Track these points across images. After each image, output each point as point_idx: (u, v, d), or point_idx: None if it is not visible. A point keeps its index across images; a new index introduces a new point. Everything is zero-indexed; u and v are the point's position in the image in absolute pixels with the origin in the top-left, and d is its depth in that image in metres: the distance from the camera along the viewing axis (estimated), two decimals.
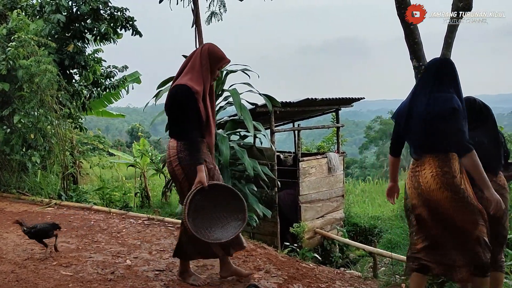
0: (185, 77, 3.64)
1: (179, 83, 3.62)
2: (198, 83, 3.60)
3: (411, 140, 3.47)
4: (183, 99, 3.57)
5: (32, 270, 4.07)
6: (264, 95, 7.06)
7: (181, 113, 3.60)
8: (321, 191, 9.15)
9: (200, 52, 3.69)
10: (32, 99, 7.65)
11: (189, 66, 3.68)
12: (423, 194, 3.33)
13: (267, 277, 4.21)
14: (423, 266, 3.49)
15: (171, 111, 3.71)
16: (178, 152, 3.62)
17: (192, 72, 3.64)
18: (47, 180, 8.02)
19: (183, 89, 3.57)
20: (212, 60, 3.67)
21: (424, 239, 3.49)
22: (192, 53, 3.76)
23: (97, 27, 9.67)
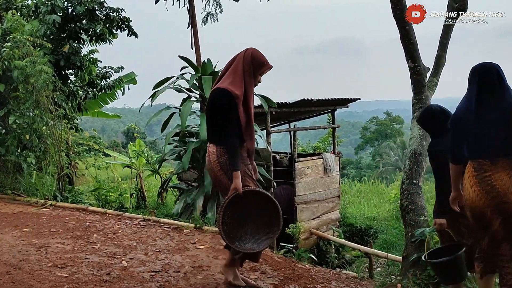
0: (226, 81, 3.59)
1: (219, 87, 3.57)
2: (239, 87, 3.55)
3: (481, 145, 3.42)
4: (223, 103, 3.52)
5: (27, 271, 4.06)
6: (260, 95, 7.07)
7: (220, 117, 3.55)
8: (317, 191, 9.16)
9: (243, 56, 3.64)
10: (27, 99, 7.62)
11: (231, 70, 3.64)
12: (499, 197, 3.29)
13: (263, 278, 4.22)
14: (494, 265, 3.51)
15: (210, 115, 3.66)
16: (219, 157, 3.57)
17: (234, 76, 3.60)
18: (43, 181, 8.00)
19: (223, 93, 3.52)
20: (255, 65, 3.64)
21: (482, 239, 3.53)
22: (234, 57, 3.71)
23: (93, 28, 9.65)
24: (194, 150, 6.75)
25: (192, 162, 7.02)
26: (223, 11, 11.39)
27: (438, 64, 6.95)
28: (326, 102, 9.47)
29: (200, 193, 6.69)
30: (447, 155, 3.68)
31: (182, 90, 7.17)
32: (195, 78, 6.87)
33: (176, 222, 5.97)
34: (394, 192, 12.73)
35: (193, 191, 7.00)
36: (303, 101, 8.74)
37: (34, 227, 5.68)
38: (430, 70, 6.79)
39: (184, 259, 4.59)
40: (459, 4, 6.84)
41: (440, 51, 7.01)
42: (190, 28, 9.13)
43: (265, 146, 8.05)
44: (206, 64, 7.09)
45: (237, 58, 3.67)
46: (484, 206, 3.34)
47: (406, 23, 6.32)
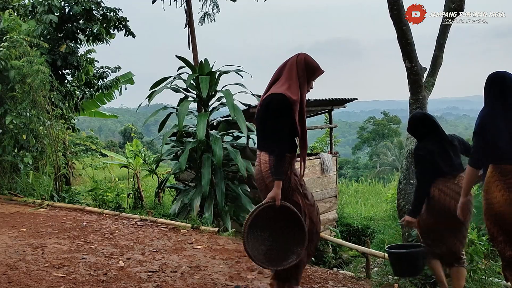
0: (281, 86, 3.47)
1: (275, 92, 3.44)
2: (295, 93, 3.44)
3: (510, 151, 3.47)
4: (279, 108, 3.40)
5: (24, 271, 4.05)
6: (257, 95, 7.07)
7: (275, 123, 3.42)
8: (314, 191, 9.17)
9: (296, 61, 3.53)
10: (24, 99, 7.61)
11: (285, 75, 3.52)
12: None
13: (260, 278, 4.22)
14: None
15: (264, 121, 3.51)
16: (271, 167, 3.42)
17: (288, 81, 3.48)
18: (39, 181, 7.98)
19: (279, 98, 3.40)
20: (309, 71, 3.55)
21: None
22: (284, 63, 3.60)
23: (90, 28, 9.65)
24: (191, 150, 6.75)
25: (189, 162, 7.02)
26: (220, 11, 11.42)
27: (435, 64, 6.96)
28: (323, 102, 9.48)
29: (197, 193, 6.68)
30: (430, 159, 4.04)
31: (179, 90, 7.17)
32: (192, 78, 6.87)
33: (173, 222, 5.96)
34: (391, 192, 12.76)
35: (190, 191, 6.99)
36: None
37: (31, 227, 5.67)
38: (427, 70, 6.81)
39: (181, 259, 4.59)
40: (455, 4, 6.85)
41: (437, 51, 7.03)
42: (187, 28, 9.12)
43: None
44: (203, 64, 7.09)
45: (288, 64, 3.57)
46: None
47: (403, 23, 6.34)
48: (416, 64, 6.43)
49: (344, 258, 9.10)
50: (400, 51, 6.51)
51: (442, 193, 4.01)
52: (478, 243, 5.03)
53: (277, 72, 3.61)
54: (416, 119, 4.43)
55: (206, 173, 6.57)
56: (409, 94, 6.56)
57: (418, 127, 4.36)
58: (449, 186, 4.02)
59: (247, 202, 6.97)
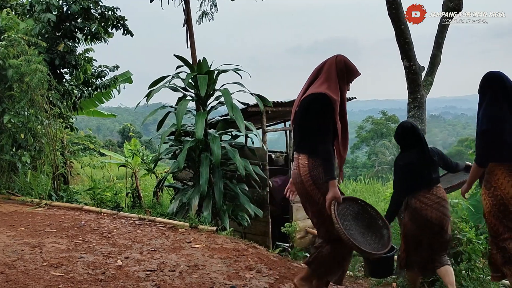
0: (321, 86, 3.44)
1: (315, 92, 3.42)
2: (336, 93, 3.42)
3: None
4: (321, 108, 3.37)
5: (22, 271, 4.05)
6: (255, 94, 7.07)
7: (316, 123, 3.39)
8: None
9: (335, 62, 3.53)
10: (22, 98, 7.59)
11: (324, 76, 3.49)
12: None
13: (258, 277, 4.22)
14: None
15: (303, 122, 3.47)
16: (311, 170, 3.38)
17: (328, 82, 3.45)
18: (38, 180, 7.97)
19: (321, 98, 3.37)
20: (348, 72, 3.55)
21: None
22: (322, 64, 3.59)
23: (88, 27, 9.64)
24: (189, 149, 6.75)
25: (187, 161, 7.01)
26: (218, 10, 11.40)
27: (433, 63, 6.97)
28: None
29: (195, 192, 6.68)
30: (411, 168, 4.29)
31: (178, 89, 7.16)
32: (190, 77, 6.87)
33: (172, 221, 5.96)
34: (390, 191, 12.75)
35: (189, 190, 6.99)
36: None
37: (29, 226, 5.67)
38: (425, 69, 6.82)
39: (180, 258, 4.59)
40: (454, 3, 6.86)
41: (436, 50, 7.03)
42: (185, 27, 9.10)
43: (261, 145, 8.04)
44: (202, 63, 7.09)
45: (327, 64, 3.55)
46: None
47: (402, 22, 6.34)
48: (415, 63, 6.44)
49: None
50: (399, 50, 6.51)
51: (423, 204, 4.25)
52: (476, 242, 5.04)
53: (315, 73, 3.59)
54: (404, 129, 4.54)
55: (205, 172, 6.57)
56: (408, 93, 6.57)
57: (406, 137, 4.49)
58: (429, 198, 4.27)
59: (245, 201, 6.97)
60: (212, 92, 7.14)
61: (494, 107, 3.70)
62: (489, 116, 3.70)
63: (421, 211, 4.24)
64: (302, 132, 3.50)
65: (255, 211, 7.05)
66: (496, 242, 3.85)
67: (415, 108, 6.50)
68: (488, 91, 3.78)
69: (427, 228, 4.25)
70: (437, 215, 4.23)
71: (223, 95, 6.72)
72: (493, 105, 3.71)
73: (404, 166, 4.39)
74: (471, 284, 4.76)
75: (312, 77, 3.59)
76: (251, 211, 6.97)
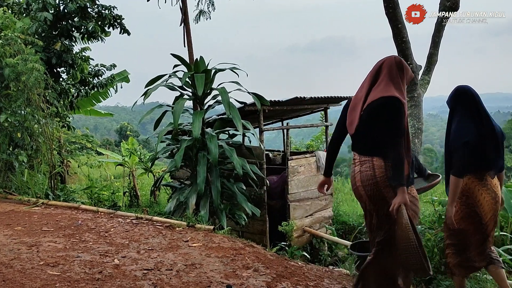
0: (387, 89, 3.42)
1: (387, 95, 3.39)
2: (403, 95, 3.44)
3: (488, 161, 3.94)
4: (395, 112, 3.35)
5: (19, 270, 4.04)
6: (252, 93, 7.07)
7: (390, 127, 3.35)
8: (310, 189, 9.17)
9: (395, 63, 3.50)
10: (18, 97, 7.58)
11: (386, 78, 3.47)
12: (499, 201, 3.98)
13: (255, 276, 4.22)
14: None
15: (375, 125, 3.43)
16: (387, 172, 3.39)
17: (393, 83, 3.44)
18: (34, 180, 7.96)
19: (394, 102, 3.36)
20: (407, 74, 3.55)
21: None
22: (379, 65, 3.57)
23: (85, 25, 9.61)
24: (186, 148, 6.74)
25: (184, 160, 7.01)
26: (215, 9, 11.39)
27: (430, 62, 6.99)
28: (318, 100, 9.47)
29: (192, 191, 6.67)
30: None
31: (175, 88, 7.15)
32: (187, 76, 6.86)
33: (169, 220, 5.96)
34: None
35: (186, 189, 6.99)
36: (296, 99, 8.73)
37: (26, 225, 5.66)
38: (422, 68, 6.83)
39: (177, 257, 4.59)
40: (451, 2, 6.87)
41: (433, 49, 7.05)
42: (182, 26, 9.08)
43: (258, 144, 8.04)
44: (199, 62, 7.08)
45: (385, 66, 3.52)
46: (495, 209, 3.97)
47: (399, 21, 6.36)
48: (412, 62, 6.46)
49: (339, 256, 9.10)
50: (396, 49, 6.53)
51: None
52: None
53: (373, 74, 3.56)
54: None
55: (202, 171, 6.56)
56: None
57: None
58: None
59: (242, 200, 6.97)
60: (209, 91, 7.13)
61: (470, 121, 3.90)
62: (466, 130, 3.87)
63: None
64: (373, 134, 3.47)
65: (253, 210, 7.05)
66: (458, 247, 4.13)
67: (412, 107, 6.52)
68: (461, 106, 3.98)
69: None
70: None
71: (220, 94, 6.71)
72: (469, 119, 3.90)
73: None
74: (468, 282, 4.77)
75: (371, 79, 3.55)
76: (249, 210, 6.97)
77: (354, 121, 3.55)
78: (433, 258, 5.26)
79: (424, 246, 5.16)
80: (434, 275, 5.10)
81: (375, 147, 3.46)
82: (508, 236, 6.97)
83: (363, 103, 3.50)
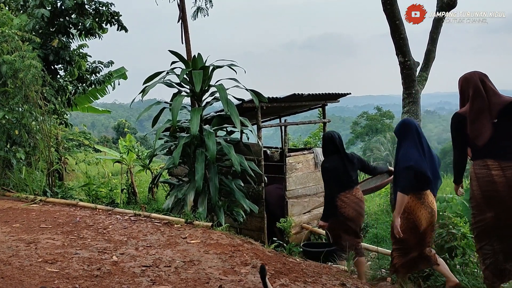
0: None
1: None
2: None
3: (427, 181, 4.72)
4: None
5: (17, 267, 4.04)
6: (250, 90, 7.06)
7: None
8: (308, 186, 9.18)
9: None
10: (16, 94, 7.56)
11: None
12: (434, 217, 4.81)
13: (254, 272, 4.22)
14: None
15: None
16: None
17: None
18: (32, 177, 7.94)
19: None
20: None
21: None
22: (485, 77, 4.28)
23: (82, 22, 9.59)
24: (184, 145, 6.74)
25: (182, 157, 7.01)
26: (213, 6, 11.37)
27: (428, 59, 7.00)
28: (316, 97, 9.48)
29: (191, 188, 6.68)
30: (334, 173, 5.44)
31: (173, 84, 7.15)
32: (185, 72, 6.85)
33: (167, 217, 5.96)
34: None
35: (184, 186, 6.99)
36: (294, 96, 8.74)
37: (24, 222, 5.65)
38: (420, 64, 6.84)
39: (175, 254, 4.59)
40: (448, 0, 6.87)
41: (430, 45, 7.06)
42: (180, 23, 9.08)
43: (256, 141, 8.05)
44: (197, 58, 7.07)
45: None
46: (432, 221, 4.78)
47: (397, 18, 6.35)
48: (409, 58, 6.45)
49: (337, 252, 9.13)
50: (394, 45, 6.52)
51: (343, 203, 5.38)
52: (470, 237, 5.07)
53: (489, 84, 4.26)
54: (324, 139, 5.76)
55: (200, 168, 6.56)
56: (402, 89, 6.58)
57: (326, 145, 5.65)
58: (349, 198, 5.40)
59: (240, 197, 6.98)
60: (207, 87, 7.13)
61: (414, 148, 4.69)
62: (411, 155, 4.64)
63: (341, 209, 5.38)
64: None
65: (251, 206, 7.06)
66: (402, 251, 4.86)
67: (409, 104, 6.52)
68: (406, 135, 4.77)
69: (343, 223, 5.43)
70: (353, 213, 5.39)
71: (218, 91, 6.72)
72: (413, 147, 4.70)
73: (328, 168, 5.50)
74: (465, 278, 4.79)
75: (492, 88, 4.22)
76: (247, 207, 6.98)
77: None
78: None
79: None
80: (432, 271, 5.13)
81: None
82: None
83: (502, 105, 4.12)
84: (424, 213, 4.70)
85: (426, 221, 4.71)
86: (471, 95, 4.19)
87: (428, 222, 4.73)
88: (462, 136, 4.26)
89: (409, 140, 4.73)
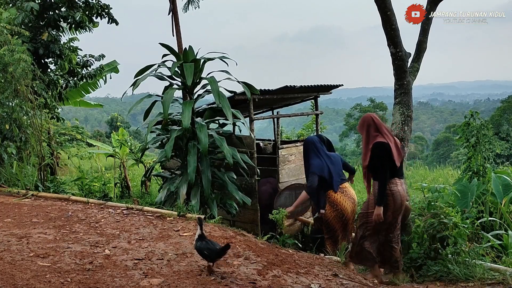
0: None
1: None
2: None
3: (335, 183, 6.74)
4: None
5: (9, 261, 4.02)
6: (242, 82, 7.04)
7: None
8: (301, 178, 9.18)
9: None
10: (6, 89, 7.50)
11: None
12: (355, 205, 6.78)
13: (246, 264, 4.24)
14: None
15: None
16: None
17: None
18: (24, 171, 7.90)
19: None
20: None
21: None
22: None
23: (72, 15, 9.52)
24: (176, 138, 6.72)
25: (175, 150, 6.99)
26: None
27: (419, 50, 7.00)
28: (309, 88, 9.45)
29: (183, 181, 6.67)
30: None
31: (164, 78, 7.11)
32: (176, 65, 6.82)
33: (159, 210, 5.95)
34: None
35: (177, 179, 6.98)
36: (286, 88, 8.71)
37: (16, 217, 5.63)
38: (411, 55, 6.84)
39: (168, 246, 4.59)
40: None
41: (422, 36, 7.06)
42: (171, 15, 9.02)
43: (248, 133, 8.03)
44: (188, 51, 7.03)
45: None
46: (353, 209, 6.66)
47: (388, 8, 6.34)
48: (401, 49, 6.45)
49: None
50: (385, 36, 6.52)
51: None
52: (462, 226, 5.11)
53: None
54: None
55: (192, 161, 6.55)
56: (394, 80, 6.59)
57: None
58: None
59: (233, 189, 6.98)
60: (199, 80, 7.09)
61: (317, 159, 6.68)
62: (315, 165, 6.62)
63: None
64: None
65: (243, 199, 7.06)
66: (332, 237, 6.57)
67: (401, 95, 6.53)
68: (308, 150, 6.81)
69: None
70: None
71: (209, 84, 6.69)
72: (316, 158, 6.69)
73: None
74: (457, 267, 4.82)
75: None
76: (239, 199, 6.99)
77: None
78: (423, 243, 5.32)
79: (414, 232, 5.38)
80: (424, 260, 5.16)
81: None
82: (497, 222, 7.05)
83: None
84: (348, 203, 6.54)
85: (350, 209, 6.52)
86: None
87: (351, 209, 6.53)
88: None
89: (313, 152, 6.74)
